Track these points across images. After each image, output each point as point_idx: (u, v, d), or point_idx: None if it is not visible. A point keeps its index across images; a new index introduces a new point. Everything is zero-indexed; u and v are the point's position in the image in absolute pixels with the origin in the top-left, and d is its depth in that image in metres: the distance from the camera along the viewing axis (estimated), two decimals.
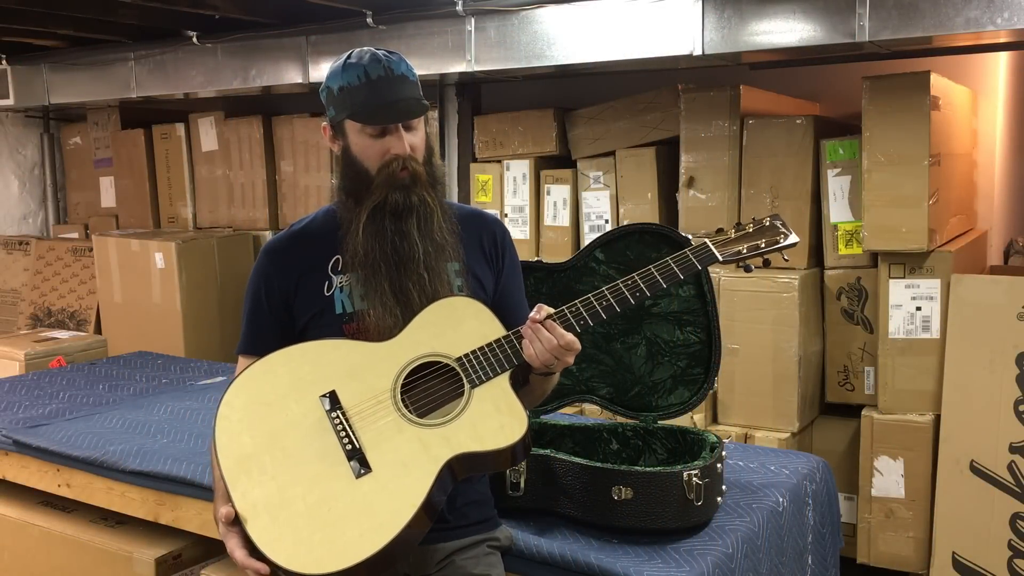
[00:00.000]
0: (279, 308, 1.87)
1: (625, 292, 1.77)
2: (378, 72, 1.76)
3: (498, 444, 1.66)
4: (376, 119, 1.76)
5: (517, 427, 1.67)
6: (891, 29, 2.79)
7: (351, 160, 1.81)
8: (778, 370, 3.36)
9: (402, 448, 1.66)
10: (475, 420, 1.68)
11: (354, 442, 1.66)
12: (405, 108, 1.77)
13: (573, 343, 1.71)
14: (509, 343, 1.73)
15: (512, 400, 1.70)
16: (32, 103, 4.98)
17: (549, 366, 1.72)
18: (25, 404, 3.23)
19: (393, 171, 1.77)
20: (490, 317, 1.77)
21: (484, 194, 4.10)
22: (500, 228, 1.96)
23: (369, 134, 1.77)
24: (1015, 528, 3.02)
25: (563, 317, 1.74)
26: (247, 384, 1.75)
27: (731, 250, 1.85)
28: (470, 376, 1.71)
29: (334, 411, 1.70)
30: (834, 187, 3.36)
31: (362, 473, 1.64)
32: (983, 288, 3.10)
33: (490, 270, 1.92)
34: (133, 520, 2.66)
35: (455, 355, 1.73)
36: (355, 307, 1.81)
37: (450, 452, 1.65)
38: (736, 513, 2.15)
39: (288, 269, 1.86)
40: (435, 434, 1.67)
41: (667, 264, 1.80)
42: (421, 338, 1.75)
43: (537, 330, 1.70)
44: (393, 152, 1.77)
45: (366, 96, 1.75)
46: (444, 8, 3.49)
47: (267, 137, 4.73)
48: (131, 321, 4.61)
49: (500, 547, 1.92)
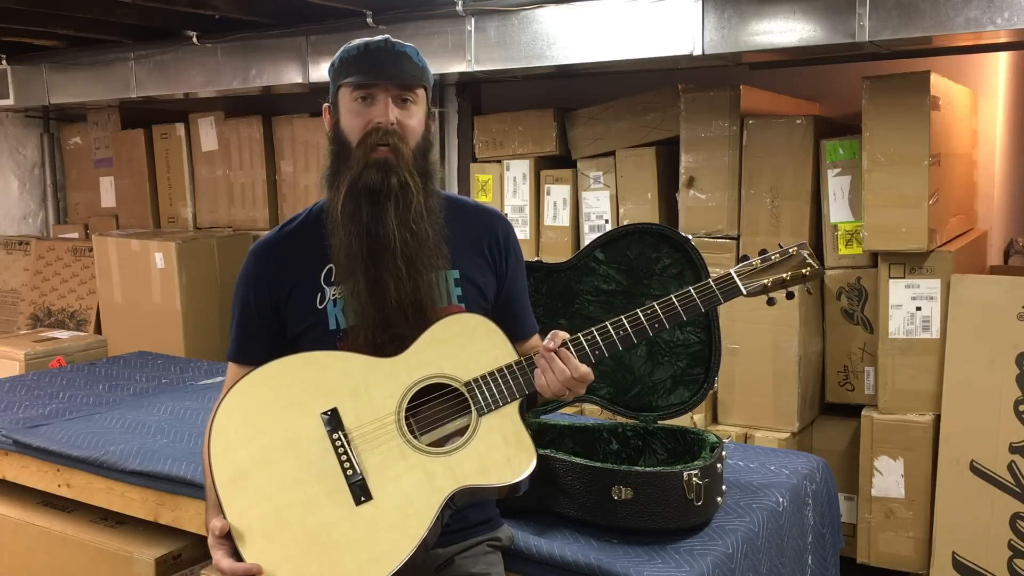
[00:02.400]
0: (269, 315, 1.79)
1: (644, 323, 1.71)
2: (379, 44, 1.71)
3: (504, 480, 1.61)
4: (364, 75, 1.68)
5: (525, 461, 1.61)
6: (891, 29, 2.79)
7: (337, 134, 1.74)
8: (778, 370, 3.36)
9: (405, 477, 1.60)
10: (482, 451, 1.62)
11: (355, 467, 1.60)
12: (396, 73, 1.69)
13: (587, 375, 1.65)
14: (521, 371, 1.66)
15: (521, 431, 1.64)
16: (32, 103, 4.97)
17: (560, 397, 1.67)
18: (25, 404, 3.23)
19: (373, 143, 1.67)
20: (503, 340, 1.70)
21: (484, 194, 4.10)
22: (504, 226, 1.88)
23: (356, 98, 1.70)
24: (1015, 528, 3.02)
25: (579, 346, 1.68)
26: (245, 394, 1.67)
27: (755, 283, 1.78)
28: (478, 403, 1.65)
29: (335, 432, 1.63)
30: (834, 187, 3.36)
31: (362, 501, 1.58)
32: (983, 288, 3.10)
33: (492, 273, 1.85)
34: (133, 520, 2.66)
35: (464, 379, 1.66)
36: (349, 323, 1.73)
37: (454, 484, 1.60)
38: (736, 513, 2.15)
39: (278, 275, 1.78)
40: (440, 464, 1.61)
41: (690, 295, 1.74)
42: (429, 357, 1.67)
43: (551, 360, 1.64)
44: (376, 120, 1.68)
45: (361, 59, 1.70)
46: (444, 8, 3.49)
47: (267, 137, 4.73)
48: (131, 321, 4.61)
49: (500, 546, 1.91)
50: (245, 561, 1.55)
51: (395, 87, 1.70)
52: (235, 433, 1.64)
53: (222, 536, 1.59)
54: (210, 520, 1.63)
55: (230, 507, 1.59)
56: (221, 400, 1.69)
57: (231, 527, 1.58)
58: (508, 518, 2.02)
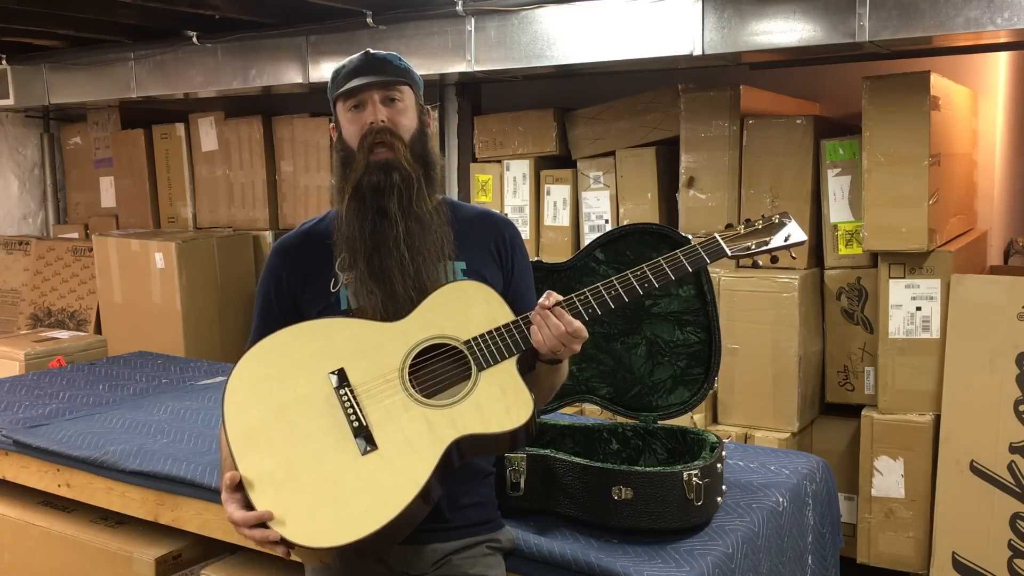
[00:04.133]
0: (288, 306, 1.89)
1: (633, 282, 1.78)
2: (361, 58, 1.84)
3: (503, 427, 1.67)
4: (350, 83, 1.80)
5: (523, 410, 1.68)
6: (891, 29, 2.79)
7: (342, 145, 1.85)
8: (778, 370, 3.36)
9: (408, 427, 1.67)
10: (481, 402, 1.69)
11: (361, 419, 1.68)
12: (377, 75, 1.81)
13: (580, 330, 1.72)
14: (518, 328, 1.74)
15: (518, 384, 1.71)
16: (32, 103, 4.98)
17: (556, 352, 1.73)
18: (25, 404, 3.23)
19: (370, 143, 1.79)
20: (499, 302, 1.78)
21: (484, 194, 4.10)
22: (510, 229, 1.97)
23: (349, 108, 1.82)
24: (1015, 528, 3.02)
25: (571, 305, 1.75)
26: (257, 358, 1.77)
27: (739, 245, 1.87)
28: (477, 359, 1.72)
29: (342, 388, 1.71)
30: (834, 187, 3.36)
31: (368, 450, 1.65)
32: (983, 288, 3.10)
33: (499, 270, 1.92)
34: (133, 520, 2.66)
35: (463, 338, 1.74)
36: (359, 303, 1.82)
37: (455, 433, 1.66)
38: (736, 513, 2.15)
39: (297, 267, 1.89)
40: (441, 415, 1.68)
41: (676, 256, 1.81)
42: (430, 320, 1.76)
43: (546, 316, 1.72)
44: (367, 121, 1.79)
45: (347, 75, 1.82)
46: (444, 8, 3.49)
47: (267, 137, 4.73)
48: (131, 321, 4.61)
49: (501, 548, 1.91)
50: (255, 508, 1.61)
51: (378, 88, 1.81)
52: (247, 393, 1.73)
53: (232, 486, 1.65)
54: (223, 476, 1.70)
55: (242, 460, 1.67)
56: (234, 368, 1.77)
57: (242, 478, 1.65)
58: (508, 518, 2.02)
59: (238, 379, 1.75)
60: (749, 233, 1.89)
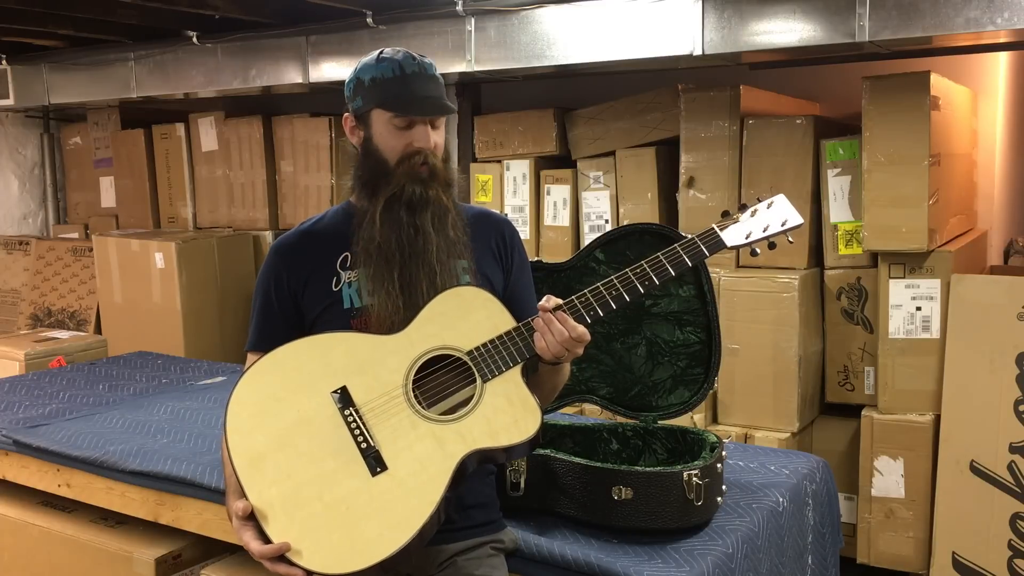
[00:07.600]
0: (288, 306, 1.88)
1: (634, 280, 1.77)
2: (413, 68, 1.80)
3: (512, 440, 1.66)
4: (409, 110, 1.79)
5: (531, 421, 1.67)
6: (891, 29, 2.79)
7: (371, 150, 1.83)
8: (778, 370, 3.36)
9: (417, 445, 1.65)
10: (489, 415, 1.67)
11: (368, 439, 1.66)
12: (437, 104, 1.81)
13: (584, 335, 1.72)
14: (520, 336, 1.73)
15: (525, 394, 1.70)
16: (32, 103, 4.98)
17: (560, 357, 1.73)
18: (25, 404, 3.22)
19: (414, 164, 1.80)
20: (499, 308, 1.77)
21: (484, 194, 4.10)
22: (509, 227, 1.98)
23: (396, 125, 1.80)
24: (1015, 528, 3.02)
25: (573, 307, 1.74)
26: (257, 380, 1.74)
27: (738, 233, 1.87)
28: (482, 370, 1.71)
29: (347, 408, 1.69)
30: (834, 187, 3.36)
31: (378, 471, 1.64)
32: (983, 288, 3.10)
33: (499, 268, 1.93)
34: (133, 520, 2.66)
35: (466, 348, 1.72)
36: (362, 302, 1.82)
37: (465, 448, 1.65)
38: (736, 513, 2.14)
39: (297, 267, 1.88)
40: (449, 430, 1.67)
41: (675, 251, 1.81)
42: (430, 330, 1.74)
43: (549, 322, 1.71)
44: (417, 145, 1.80)
45: (400, 88, 1.79)
46: (444, 8, 3.49)
47: (267, 137, 4.73)
48: (131, 321, 4.61)
49: (504, 549, 1.92)
50: (269, 538, 1.60)
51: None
52: (249, 419, 1.70)
53: (245, 517, 1.63)
54: (232, 504, 1.68)
55: (250, 488, 1.64)
56: (233, 389, 1.74)
57: (253, 507, 1.63)
58: (509, 518, 2.02)
59: (238, 403, 1.72)
60: (745, 221, 1.90)
